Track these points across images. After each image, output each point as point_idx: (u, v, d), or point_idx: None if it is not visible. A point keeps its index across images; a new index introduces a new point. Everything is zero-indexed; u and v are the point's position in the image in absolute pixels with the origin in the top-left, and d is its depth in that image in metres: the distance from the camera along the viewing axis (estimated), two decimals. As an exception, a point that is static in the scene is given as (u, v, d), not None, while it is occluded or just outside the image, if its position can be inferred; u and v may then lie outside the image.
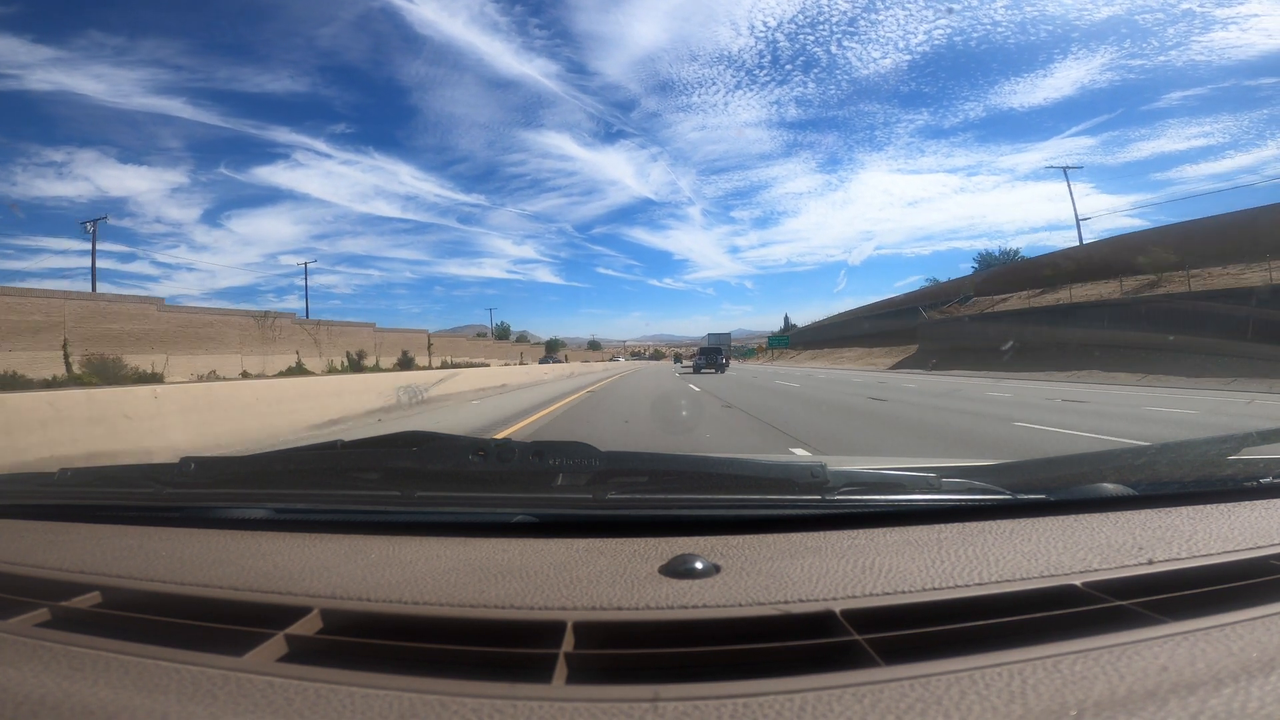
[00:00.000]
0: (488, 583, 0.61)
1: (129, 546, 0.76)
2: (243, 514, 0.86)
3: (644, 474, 0.85)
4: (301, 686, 0.44)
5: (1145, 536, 0.70)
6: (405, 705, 0.41)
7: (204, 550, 0.73)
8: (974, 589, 0.57)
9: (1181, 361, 16.15)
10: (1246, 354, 15.05)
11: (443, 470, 0.87)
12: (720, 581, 0.60)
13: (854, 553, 0.67)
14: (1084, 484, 0.85)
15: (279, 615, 0.55)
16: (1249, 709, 0.39)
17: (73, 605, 0.60)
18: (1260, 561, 0.63)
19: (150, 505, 0.90)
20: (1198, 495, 0.84)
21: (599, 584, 0.61)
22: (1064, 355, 20.98)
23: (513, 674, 0.46)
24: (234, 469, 0.98)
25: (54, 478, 0.96)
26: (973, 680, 0.43)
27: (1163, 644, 0.47)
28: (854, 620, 0.52)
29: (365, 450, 0.99)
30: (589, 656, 0.49)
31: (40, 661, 0.49)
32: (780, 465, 0.83)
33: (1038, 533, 0.72)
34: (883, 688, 0.42)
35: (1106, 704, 0.40)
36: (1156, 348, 17.61)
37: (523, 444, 0.85)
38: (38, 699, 0.43)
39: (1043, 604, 0.54)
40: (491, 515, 0.80)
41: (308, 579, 0.63)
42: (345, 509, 0.85)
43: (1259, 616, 0.51)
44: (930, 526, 0.76)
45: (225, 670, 0.46)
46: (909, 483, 0.83)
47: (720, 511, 0.78)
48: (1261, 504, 0.81)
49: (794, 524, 0.77)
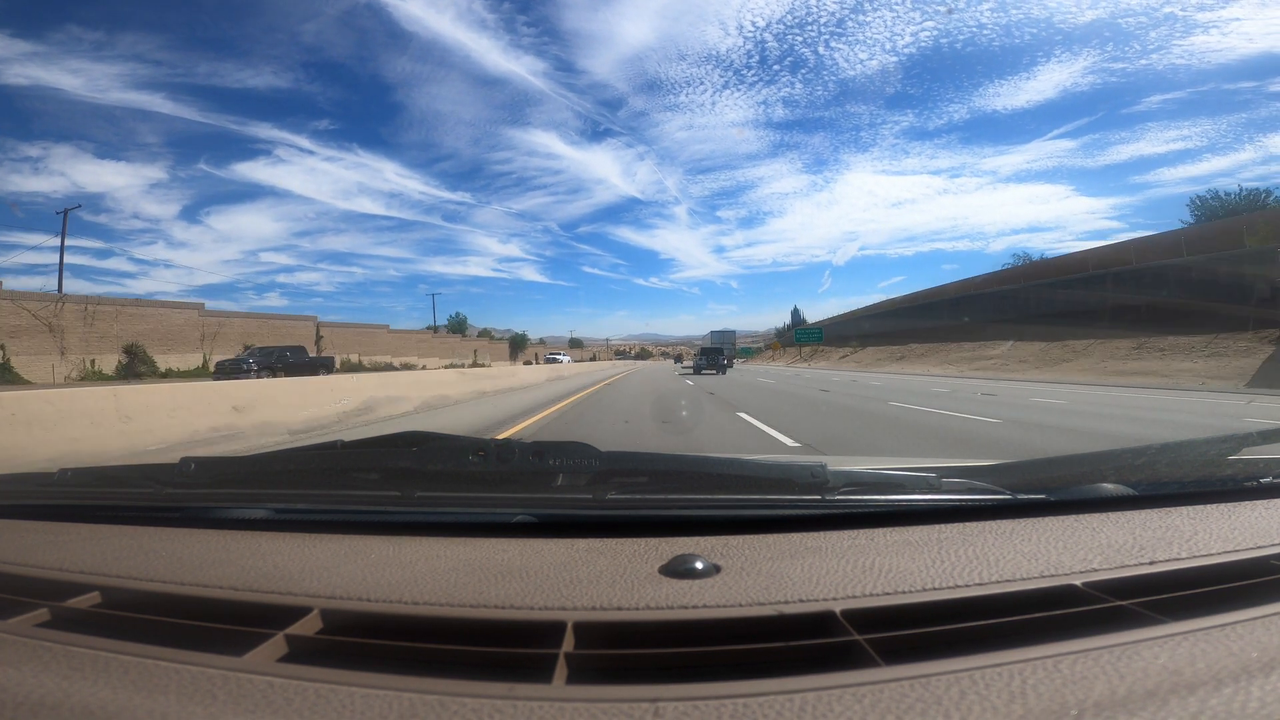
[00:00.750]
0: (488, 583, 0.61)
1: (129, 546, 0.76)
2: (243, 514, 0.86)
3: (644, 474, 0.85)
4: (301, 686, 0.44)
5: (1145, 536, 0.70)
6: (405, 705, 0.41)
7: (204, 550, 0.73)
8: (974, 589, 0.57)
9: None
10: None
11: (443, 470, 0.87)
12: (720, 582, 0.60)
13: (854, 553, 0.67)
14: (1084, 484, 0.85)
15: (279, 615, 0.55)
16: (1249, 709, 0.39)
17: (72, 605, 0.60)
18: (1260, 561, 0.63)
19: (150, 505, 0.91)
20: (1198, 495, 0.84)
21: (599, 584, 0.61)
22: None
23: (513, 674, 0.46)
24: (234, 469, 0.99)
25: (54, 478, 0.96)
26: (973, 680, 0.43)
27: (1163, 644, 0.47)
28: (854, 620, 0.52)
29: (365, 450, 0.99)
30: (589, 657, 0.49)
31: (40, 661, 0.49)
32: (780, 465, 0.83)
33: (1038, 533, 0.72)
34: (883, 688, 0.42)
35: (1106, 704, 0.40)
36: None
37: (523, 444, 0.85)
38: (37, 699, 0.43)
39: (1043, 604, 0.54)
40: (491, 515, 0.80)
41: (308, 579, 0.63)
42: (345, 509, 0.85)
43: (1259, 616, 0.51)
44: (930, 526, 0.76)
45: (225, 670, 0.46)
46: (909, 483, 0.83)
47: (720, 511, 0.78)
48: (1261, 504, 0.81)
49: (794, 524, 0.77)
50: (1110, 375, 19.66)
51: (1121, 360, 21.31)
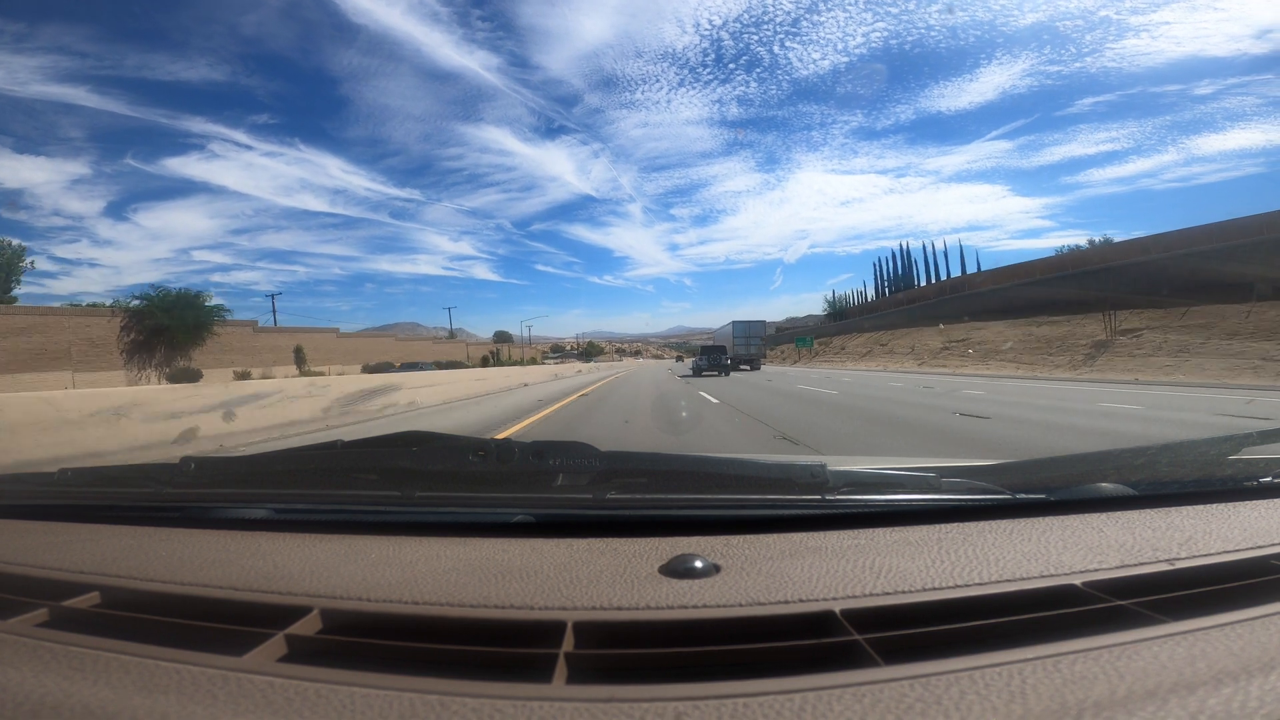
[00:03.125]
0: (488, 583, 0.61)
1: (129, 546, 0.76)
2: (243, 514, 0.86)
3: (644, 474, 0.85)
4: (301, 686, 0.44)
5: (1145, 536, 0.70)
6: (405, 705, 0.41)
7: (204, 550, 0.73)
8: (974, 589, 0.57)
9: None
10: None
11: (443, 470, 0.87)
12: (720, 581, 0.60)
13: (854, 552, 0.67)
14: (1084, 484, 0.85)
15: (279, 615, 0.55)
16: (1249, 709, 0.39)
17: (72, 605, 0.60)
18: (1260, 561, 0.63)
19: (150, 505, 0.90)
20: (1198, 495, 0.84)
21: (599, 584, 0.61)
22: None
23: (513, 674, 0.46)
24: (234, 469, 0.98)
25: (54, 478, 0.96)
26: (973, 680, 0.43)
27: (1163, 644, 0.47)
28: (854, 620, 0.52)
29: (365, 450, 0.99)
30: (589, 656, 0.49)
31: (40, 661, 0.49)
32: (780, 465, 0.83)
33: (1038, 533, 0.72)
34: (883, 688, 0.42)
35: (1106, 704, 0.40)
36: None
37: (523, 444, 0.85)
38: (38, 699, 0.43)
39: (1043, 604, 0.54)
40: (492, 515, 0.80)
41: (308, 579, 0.63)
42: (345, 509, 0.85)
43: (1259, 616, 0.51)
44: (930, 526, 0.76)
45: (225, 670, 0.46)
46: (909, 483, 0.83)
47: (720, 511, 0.78)
48: (1261, 504, 0.81)
49: (794, 524, 0.77)
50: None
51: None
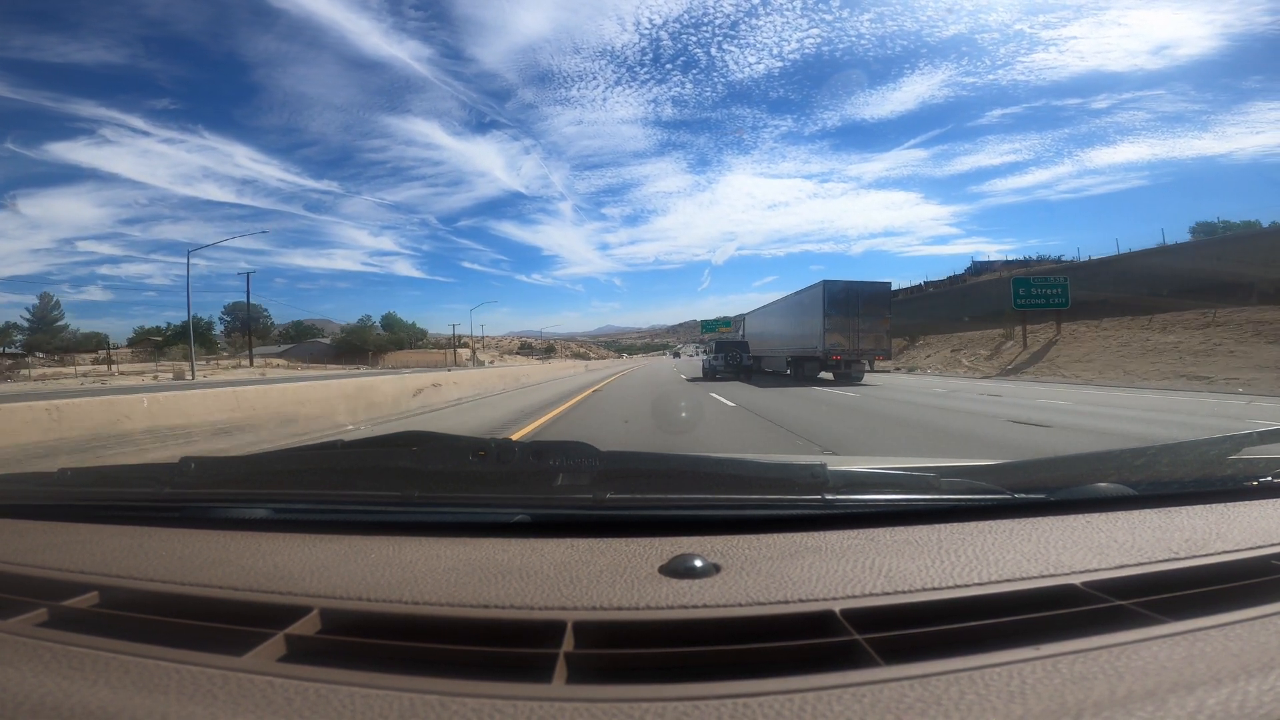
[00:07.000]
0: (488, 583, 0.61)
1: (128, 546, 0.76)
2: (243, 514, 0.86)
3: (644, 474, 0.85)
4: (301, 686, 0.44)
5: (1145, 536, 0.70)
6: (405, 705, 0.41)
7: (203, 550, 0.73)
8: (974, 589, 0.57)
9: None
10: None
11: (443, 470, 0.87)
12: (720, 581, 0.60)
13: (854, 553, 0.67)
14: (1084, 484, 0.85)
15: (279, 615, 0.55)
16: (1248, 709, 0.39)
17: (72, 605, 0.60)
18: (1260, 561, 0.63)
19: (150, 505, 0.90)
20: (1198, 495, 0.84)
21: (599, 584, 0.60)
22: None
23: (513, 674, 0.46)
24: (233, 469, 0.98)
25: (54, 477, 0.96)
26: (973, 680, 0.43)
27: (1162, 644, 0.47)
28: (854, 620, 0.52)
29: (365, 450, 0.99)
30: (589, 656, 0.49)
31: (40, 661, 0.49)
32: (780, 465, 0.83)
33: (1038, 533, 0.72)
34: (883, 687, 0.42)
35: (1106, 704, 0.40)
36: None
37: (523, 444, 0.85)
38: (37, 699, 0.43)
39: (1043, 604, 0.54)
40: (492, 515, 0.80)
41: (308, 579, 0.63)
42: (345, 509, 0.85)
43: (1259, 616, 0.51)
44: (930, 526, 0.76)
45: (225, 670, 0.46)
46: (909, 483, 0.83)
47: (720, 511, 0.78)
48: (1261, 504, 0.81)
49: (794, 524, 0.77)
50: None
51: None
